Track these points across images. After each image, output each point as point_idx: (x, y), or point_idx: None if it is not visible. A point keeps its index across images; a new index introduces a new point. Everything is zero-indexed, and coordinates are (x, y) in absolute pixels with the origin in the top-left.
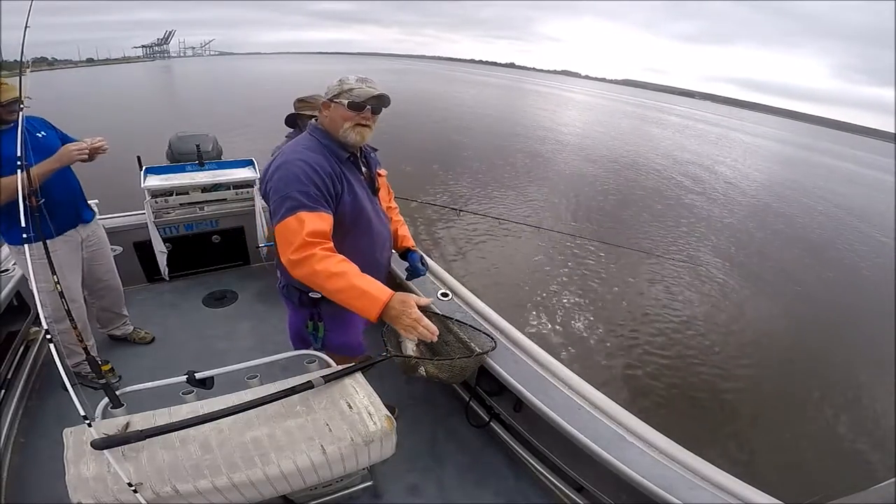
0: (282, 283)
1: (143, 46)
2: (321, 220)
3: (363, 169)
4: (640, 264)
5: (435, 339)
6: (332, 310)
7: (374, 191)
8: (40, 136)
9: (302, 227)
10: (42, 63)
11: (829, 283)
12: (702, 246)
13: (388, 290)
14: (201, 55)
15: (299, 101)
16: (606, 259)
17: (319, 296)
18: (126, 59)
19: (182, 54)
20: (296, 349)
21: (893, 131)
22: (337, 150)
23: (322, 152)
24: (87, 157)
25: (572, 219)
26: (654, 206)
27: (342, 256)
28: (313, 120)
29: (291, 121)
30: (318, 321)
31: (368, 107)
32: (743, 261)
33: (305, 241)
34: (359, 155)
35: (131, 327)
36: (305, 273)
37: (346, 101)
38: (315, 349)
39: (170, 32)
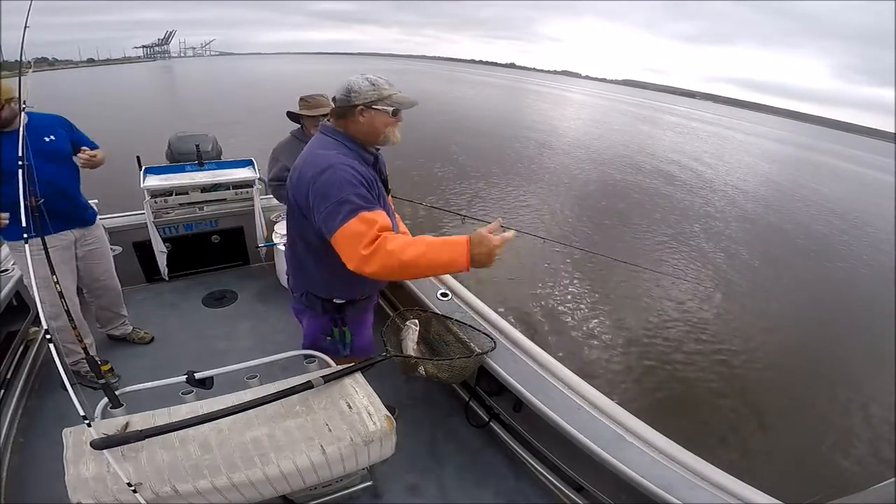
0: (300, 292)
1: (143, 46)
2: (383, 217)
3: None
4: (635, 266)
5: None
6: (355, 312)
7: (388, 192)
8: (48, 139)
9: (370, 225)
10: (43, 63)
11: (828, 281)
12: (684, 236)
13: (463, 235)
14: (202, 55)
15: (301, 100)
16: (601, 262)
17: (343, 301)
18: (127, 60)
19: (182, 54)
20: None
21: (893, 131)
22: (364, 154)
23: (355, 157)
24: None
25: (562, 218)
26: (628, 196)
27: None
28: (326, 121)
29: (295, 117)
30: (342, 327)
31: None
32: (730, 254)
33: (377, 234)
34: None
35: (131, 327)
36: (381, 258)
37: (390, 108)
38: (344, 356)
39: (170, 32)
